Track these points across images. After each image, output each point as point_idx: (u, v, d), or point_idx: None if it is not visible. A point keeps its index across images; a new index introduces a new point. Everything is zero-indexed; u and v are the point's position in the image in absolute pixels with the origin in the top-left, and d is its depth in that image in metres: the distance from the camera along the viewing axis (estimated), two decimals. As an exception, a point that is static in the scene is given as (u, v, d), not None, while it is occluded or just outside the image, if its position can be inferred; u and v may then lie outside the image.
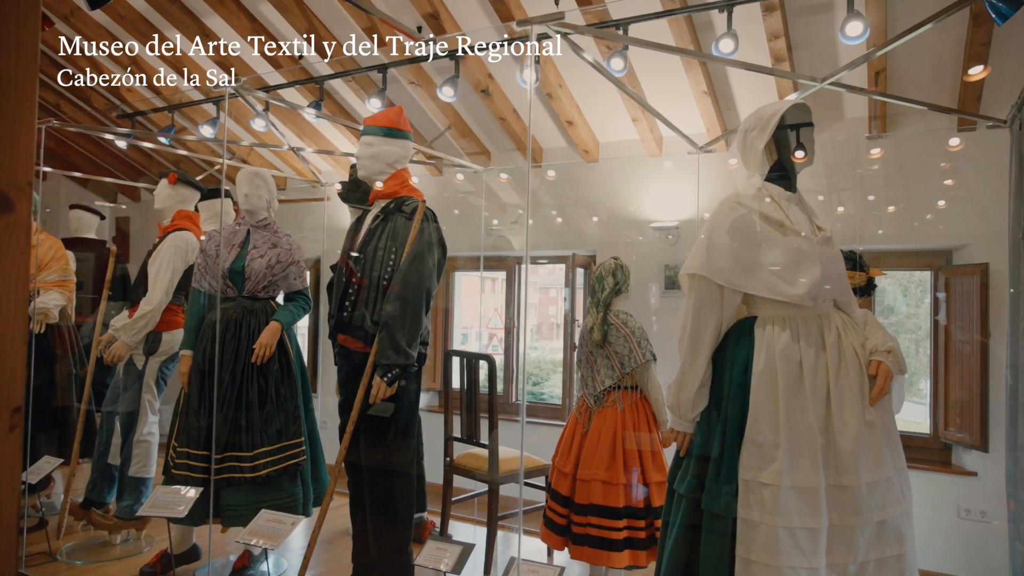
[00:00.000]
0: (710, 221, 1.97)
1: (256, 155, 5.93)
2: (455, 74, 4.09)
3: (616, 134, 4.83)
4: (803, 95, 3.00)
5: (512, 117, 4.76)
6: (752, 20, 3.60)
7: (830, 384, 1.84)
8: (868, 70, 3.67)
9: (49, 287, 3.98)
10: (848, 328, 1.93)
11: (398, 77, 4.58)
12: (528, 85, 1.99)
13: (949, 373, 3.95)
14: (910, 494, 1.91)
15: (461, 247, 5.44)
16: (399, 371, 2.50)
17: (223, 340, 3.00)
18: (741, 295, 1.94)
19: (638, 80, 4.24)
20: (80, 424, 3.68)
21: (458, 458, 3.48)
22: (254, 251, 3.11)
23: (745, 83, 4.11)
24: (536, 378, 6.16)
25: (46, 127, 3.21)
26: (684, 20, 3.67)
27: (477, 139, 5.20)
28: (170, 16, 4.54)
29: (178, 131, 5.36)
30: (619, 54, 3.61)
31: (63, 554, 3.37)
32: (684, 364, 1.94)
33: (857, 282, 2.60)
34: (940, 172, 3.93)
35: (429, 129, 5.15)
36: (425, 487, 3.65)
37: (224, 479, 2.93)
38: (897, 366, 1.87)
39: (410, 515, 2.64)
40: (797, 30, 3.68)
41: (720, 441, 1.87)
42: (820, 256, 1.90)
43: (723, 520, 1.82)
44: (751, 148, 2.03)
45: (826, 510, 1.77)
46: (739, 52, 3.92)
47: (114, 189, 7.22)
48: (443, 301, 5.64)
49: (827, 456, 1.81)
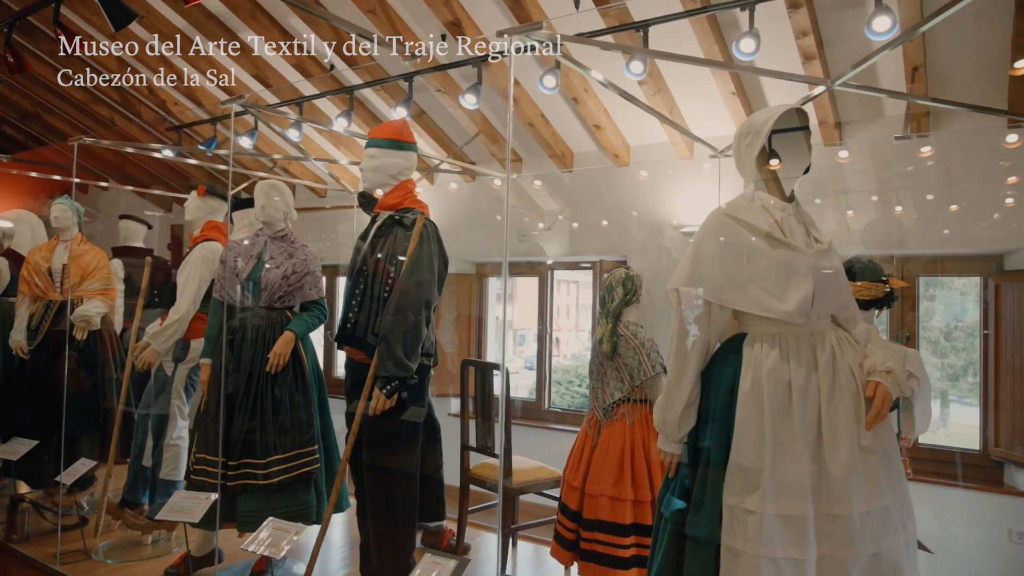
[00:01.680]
0: (697, 233, 1.89)
1: (297, 164, 6.06)
2: (478, 81, 4.09)
3: (646, 137, 4.73)
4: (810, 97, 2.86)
5: (540, 122, 4.72)
6: (780, 17, 3.46)
7: (822, 406, 1.73)
8: (905, 66, 3.47)
9: (92, 295, 4.15)
10: (845, 346, 1.81)
11: (426, 85, 4.60)
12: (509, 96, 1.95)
13: (1000, 386, 3.71)
14: (913, 525, 1.78)
15: (492, 253, 5.44)
16: (398, 383, 2.50)
17: (240, 349, 3.06)
18: (730, 311, 1.85)
19: (664, 82, 4.14)
20: (116, 426, 3.83)
21: (474, 468, 3.47)
22: (271, 262, 3.17)
23: (776, 82, 3.95)
24: (572, 385, 6.09)
25: (77, 144, 3.35)
26: (707, 20, 3.56)
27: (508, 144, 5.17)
28: (206, 31, 4.69)
29: (220, 142, 5.53)
30: (638, 58, 3.52)
31: (98, 553, 3.51)
32: (669, 383, 1.87)
33: (874, 294, 2.45)
34: (988, 172, 3.68)
35: (460, 136, 5.16)
36: (444, 495, 3.65)
37: (240, 485, 2.99)
38: (897, 387, 1.75)
39: (411, 523, 2.64)
40: (828, 26, 3.51)
41: (705, 464, 1.79)
42: (814, 270, 1.79)
43: (706, 547, 1.74)
44: (745, 156, 1.94)
45: (814, 541, 1.67)
46: (767, 51, 3.78)
47: (170, 199, 7.51)
48: (475, 308, 5.64)
49: (818, 483, 1.71)
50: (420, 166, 5.38)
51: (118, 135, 6.15)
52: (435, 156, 5.19)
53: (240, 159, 6.08)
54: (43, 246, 4.22)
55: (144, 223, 5.05)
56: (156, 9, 4.64)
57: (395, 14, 4.16)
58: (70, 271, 4.10)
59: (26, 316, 4.11)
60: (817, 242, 1.87)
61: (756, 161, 1.92)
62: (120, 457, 3.94)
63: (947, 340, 4.25)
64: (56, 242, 4.22)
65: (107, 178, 6.34)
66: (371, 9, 4.06)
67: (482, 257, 5.49)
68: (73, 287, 4.12)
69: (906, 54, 3.41)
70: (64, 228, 4.21)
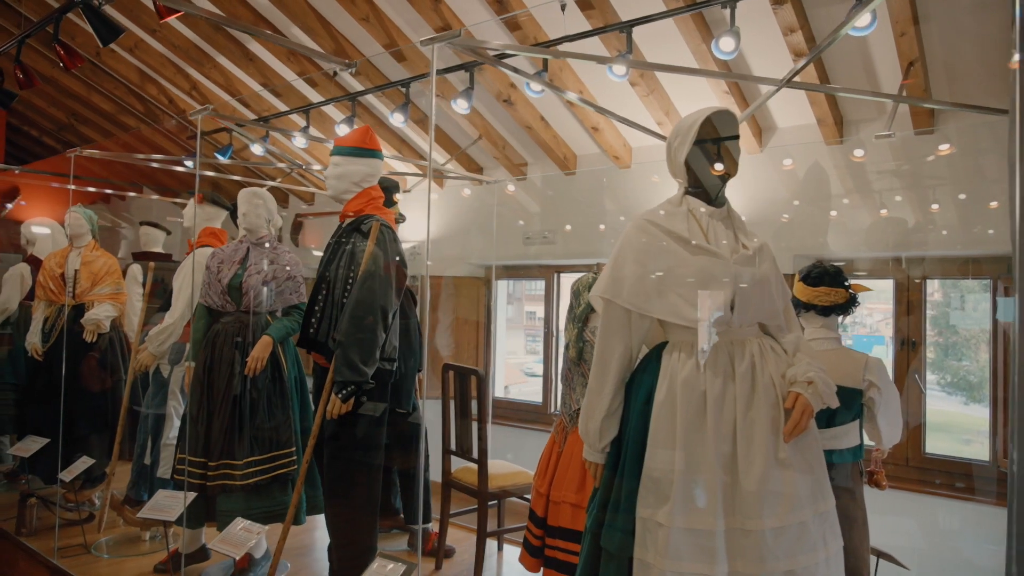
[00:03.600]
0: (619, 240, 1.86)
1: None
2: (469, 86, 4.09)
3: (648, 138, 4.66)
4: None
5: (539, 125, 4.70)
6: (769, 13, 3.36)
7: (738, 417, 1.68)
8: (900, 61, 3.34)
9: (103, 299, 4.33)
10: (768, 355, 1.75)
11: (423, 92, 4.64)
12: (431, 100, 1.95)
13: (1009, 394, 3.52)
14: (836, 542, 1.71)
15: (502, 256, 5.44)
16: (354, 388, 2.53)
17: (220, 353, 3.15)
18: (650, 319, 1.81)
19: (658, 81, 4.07)
20: (120, 426, 3.97)
21: (456, 471, 3.48)
22: (252, 267, 3.24)
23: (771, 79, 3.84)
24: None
25: (74, 155, 3.50)
26: (692, 18, 3.49)
27: (513, 148, 5.18)
28: (218, 44, 4.83)
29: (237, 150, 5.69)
30: (622, 58, 3.48)
31: (99, 548, 3.65)
32: (590, 391, 1.84)
33: (834, 299, 2.36)
34: (999, 169, 3.50)
35: (463, 140, 5.19)
36: (430, 498, 3.68)
37: (219, 485, 3.07)
38: (819, 399, 1.68)
39: (370, 526, 2.67)
40: (819, 22, 3.40)
41: (620, 475, 1.75)
42: (734, 277, 1.74)
43: (618, 560, 1.71)
44: (674, 160, 1.90)
45: (725, 556, 1.62)
46: (756, 48, 3.70)
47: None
48: (483, 312, 5.66)
49: (731, 497, 1.65)
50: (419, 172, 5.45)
51: (145, 144, 6.39)
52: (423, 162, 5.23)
53: (263, 169, 6.24)
54: (57, 252, 4.42)
55: (164, 230, 5.23)
56: (170, 23, 4.80)
57: (389, 21, 4.21)
58: (80, 276, 4.28)
59: (41, 319, 4.31)
60: (744, 248, 1.82)
61: (685, 165, 1.87)
62: (128, 456, 4.09)
63: (957, 346, 4.06)
64: (70, 249, 4.41)
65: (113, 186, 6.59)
66: (364, 17, 4.12)
67: (490, 260, 5.50)
68: (84, 292, 4.30)
69: (900, 49, 3.28)
70: (78, 235, 4.40)
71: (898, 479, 3.83)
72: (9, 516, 3.95)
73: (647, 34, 3.73)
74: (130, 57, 5.33)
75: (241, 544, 2.66)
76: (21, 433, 4.34)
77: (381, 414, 2.71)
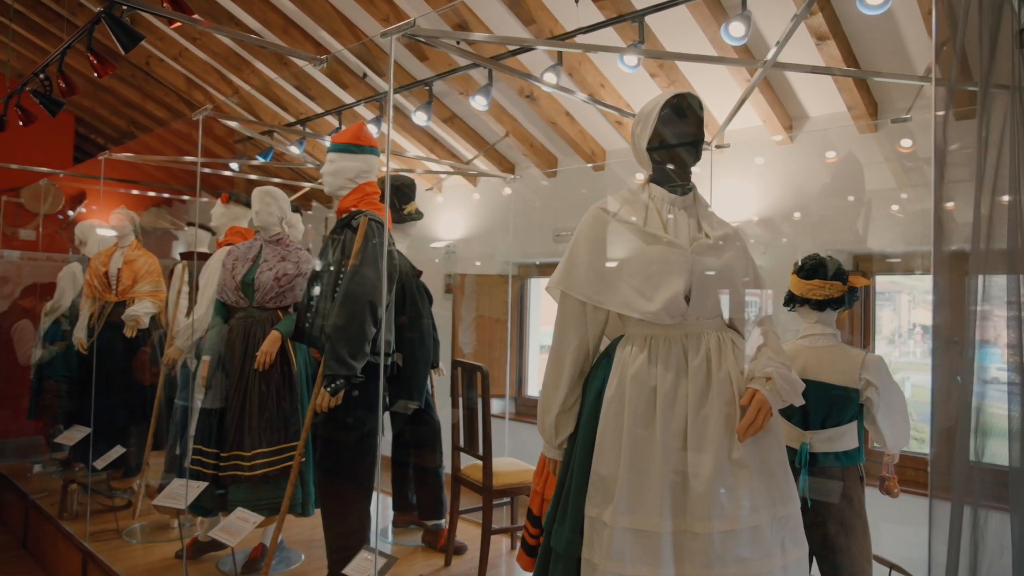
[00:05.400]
0: (576, 230, 1.80)
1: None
2: (488, 83, 4.08)
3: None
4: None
5: (564, 120, 4.65)
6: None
7: (689, 415, 1.60)
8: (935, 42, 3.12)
9: (143, 297, 4.54)
10: (726, 350, 1.66)
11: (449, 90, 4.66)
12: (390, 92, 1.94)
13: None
14: (798, 549, 1.61)
15: (534, 254, 5.41)
16: (343, 382, 2.55)
17: (232, 347, 3.24)
18: (606, 311, 1.75)
19: (679, 71, 3.95)
20: (154, 417, 4.15)
21: (465, 468, 3.47)
22: (264, 264, 3.32)
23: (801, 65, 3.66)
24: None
25: (105, 158, 3.68)
26: (707, 4, 3.37)
27: (541, 144, 5.13)
28: (253, 50, 4.99)
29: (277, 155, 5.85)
30: (633, 48, 3.39)
31: (131, 534, 3.82)
32: (545, 385, 1.79)
33: (828, 293, 2.22)
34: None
35: (491, 136, 5.18)
36: (443, 494, 3.68)
37: (229, 476, 3.16)
38: (778, 395, 1.58)
39: (362, 524, 2.68)
40: (842, 3, 3.23)
41: (569, 472, 1.70)
42: (692, 267, 1.66)
43: (565, 560, 1.65)
44: (637, 147, 1.83)
45: (671, 559, 1.54)
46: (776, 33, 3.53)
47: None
48: (516, 309, 5.63)
49: (680, 497, 1.57)
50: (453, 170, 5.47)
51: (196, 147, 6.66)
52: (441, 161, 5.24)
53: (303, 170, 6.42)
54: (103, 252, 4.65)
55: (210, 230, 5.43)
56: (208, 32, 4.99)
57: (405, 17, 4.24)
58: (122, 274, 4.49)
59: (87, 315, 4.55)
60: (706, 237, 1.73)
61: (646, 151, 1.80)
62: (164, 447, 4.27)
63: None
64: (115, 248, 4.64)
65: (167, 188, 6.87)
66: (385, 17, 4.16)
67: (519, 258, 5.48)
68: (126, 289, 4.52)
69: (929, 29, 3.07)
70: (122, 235, 4.62)
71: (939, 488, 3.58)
72: (56, 501, 4.18)
73: (663, 24, 3.63)
74: (176, 65, 5.56)
75: (237, 533, 2.72)
76: (69, 423, 4.59)
77: (377, 407, 2.73)
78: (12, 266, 6.62)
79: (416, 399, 3.57)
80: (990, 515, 1.52)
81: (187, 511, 3.18)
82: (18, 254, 6.63)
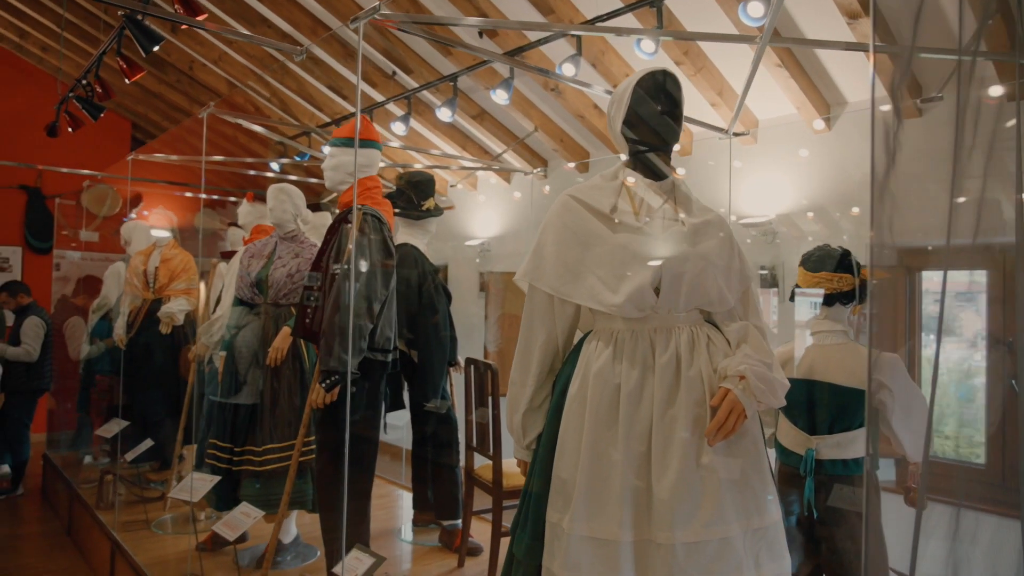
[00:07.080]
0: (544, 218, 1.70)
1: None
2: (509, 77, 4.01)
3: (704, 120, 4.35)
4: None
5: (592, 113, 4.53)
6: (816, -27, 3.03)
7: (655, 415, 1.48)
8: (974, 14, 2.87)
9: (178, 294, 4.65)
10: (699, 346, 1.53)
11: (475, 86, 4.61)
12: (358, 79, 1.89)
13: None
14: (775, 564, 1.47)
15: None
16: (338, 377, 2.52)
17: (246, 343, 3.27)
18: (575, 304, 1.65)
19: (707, 57, 3.78)
20: (184, 412, 4.24)
21: (478, 468, 3.40)
22: (278, 261, 3.34)
23: (834, 52, 3.45)
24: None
25: (132, 159, 3.78)
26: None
27: (571, 138, 5.02)
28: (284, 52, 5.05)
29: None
30: (649, 34, 3.26)
31: (160, 526, 3.91)
32: (512, 382, 1.70)
33: (837, 286, 2.04)
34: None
35: (520, 131, 5.10)
36: (459, 494, 3.62)
37: (242, 471, 3.19)
38: (752, 396, 1.45)
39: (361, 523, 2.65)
40: (873, -23, 3.01)
41: (531, 475, 1.61)
42: (664, 256, 1.54)
43: (526, 567, 1.56)
44: (612, 128, 1.72)
45: (632, 570, 1.43)
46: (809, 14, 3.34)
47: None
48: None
49: (643, 504, 1.46)
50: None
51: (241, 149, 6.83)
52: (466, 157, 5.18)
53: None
54: (142, 251, 4.80)
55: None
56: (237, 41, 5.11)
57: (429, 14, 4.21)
58: (159, 273, 4.62)
59: (127, 312, 4.69)
60: (681, 224, 1.61)
61: (621, 134, 1.69)
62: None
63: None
64: (153, 248, 4.78)
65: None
66: (407, 11, 4.14)
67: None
68: (163, 287, 4.64)
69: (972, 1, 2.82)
70: (160, 235, 4.76)
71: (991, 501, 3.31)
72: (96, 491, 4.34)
73: (684, 7, 3.48)
74: (217, 69, 5.70)
75: (239, 528, 2.73)
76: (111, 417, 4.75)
77: (377, 403, 2.69)
78: (73, 266, 6.95)
79: (432, 397, 3.53)
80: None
81: (209, 505, 3.22)
82: (79, 255, 6.95)
